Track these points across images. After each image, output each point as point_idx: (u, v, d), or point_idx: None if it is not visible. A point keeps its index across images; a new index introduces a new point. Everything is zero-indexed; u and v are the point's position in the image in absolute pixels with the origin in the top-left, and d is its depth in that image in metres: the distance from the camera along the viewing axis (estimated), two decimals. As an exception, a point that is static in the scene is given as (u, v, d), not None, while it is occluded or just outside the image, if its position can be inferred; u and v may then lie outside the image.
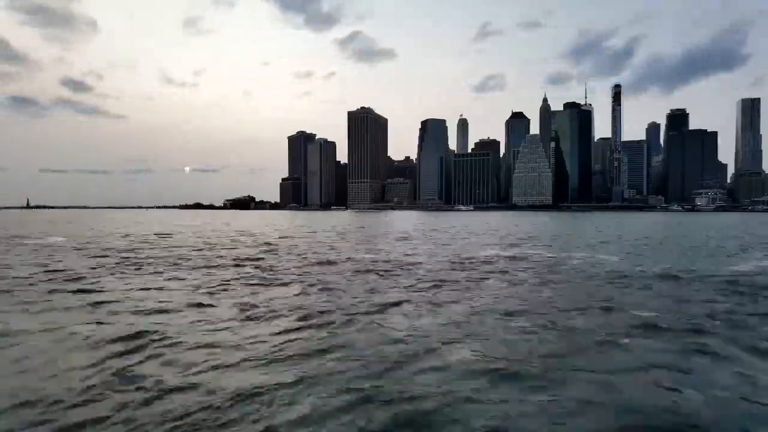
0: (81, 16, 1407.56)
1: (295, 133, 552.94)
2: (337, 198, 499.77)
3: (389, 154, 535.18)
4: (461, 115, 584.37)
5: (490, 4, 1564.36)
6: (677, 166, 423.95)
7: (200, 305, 12.43)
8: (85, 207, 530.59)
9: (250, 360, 7.96)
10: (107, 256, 24.58)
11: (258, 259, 23.48)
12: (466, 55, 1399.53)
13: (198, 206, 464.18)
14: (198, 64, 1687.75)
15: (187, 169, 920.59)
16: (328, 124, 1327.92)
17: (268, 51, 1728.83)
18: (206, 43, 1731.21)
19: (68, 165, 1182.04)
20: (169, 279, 17.13)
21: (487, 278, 17.24)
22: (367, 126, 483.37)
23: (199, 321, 10.78)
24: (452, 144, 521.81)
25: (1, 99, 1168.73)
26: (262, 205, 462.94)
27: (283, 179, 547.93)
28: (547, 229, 60.96)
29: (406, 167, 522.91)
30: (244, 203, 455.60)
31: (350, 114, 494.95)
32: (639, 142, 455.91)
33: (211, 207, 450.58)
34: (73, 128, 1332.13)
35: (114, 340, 9.05)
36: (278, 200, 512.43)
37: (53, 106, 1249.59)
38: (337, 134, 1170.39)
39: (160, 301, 12.87)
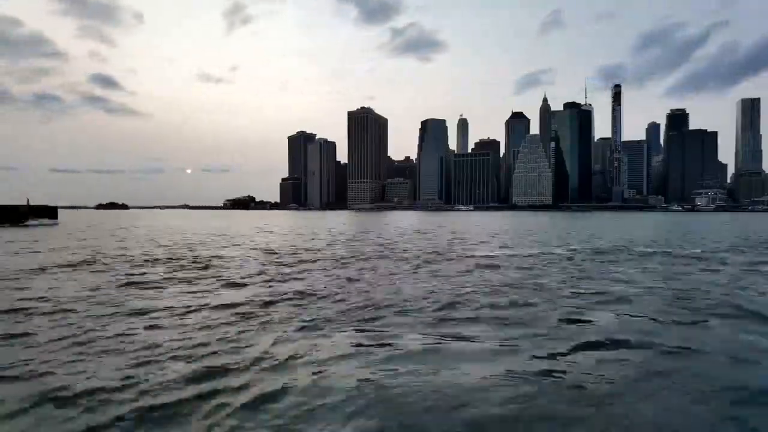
0: (125, 8, 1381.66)
1: (295, 133, 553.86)
2: (337, 198, 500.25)
3: (389, 154, 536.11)
4: (461, 115, 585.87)
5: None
6: (677, 166, 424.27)
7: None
8: (85, 207, 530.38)
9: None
10: None
11: None
12: (524, 48, 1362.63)
13: (111, 206, 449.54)
14: (236, 59, 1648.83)
15: (189, 170, 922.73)
16: (336, 122, 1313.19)
17: (309, 46, 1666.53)
18: (248, 36, 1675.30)
19: (82, 165, 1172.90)
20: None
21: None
22: (367, 126, 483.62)
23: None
24: (452, 144, 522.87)
25: (26, 96, 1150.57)
26: (263, 205, 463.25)
27: (283, 179, 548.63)
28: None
29: (406, 167, 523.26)
30: (244, 203, 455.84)
31: (350, 114, 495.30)
32: (639, 142, 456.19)
33: (124, 207, 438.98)
34: (93, 127, 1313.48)
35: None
36: (278, 200, 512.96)
37: (78, 104, 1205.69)
38: (338, 134, 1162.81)
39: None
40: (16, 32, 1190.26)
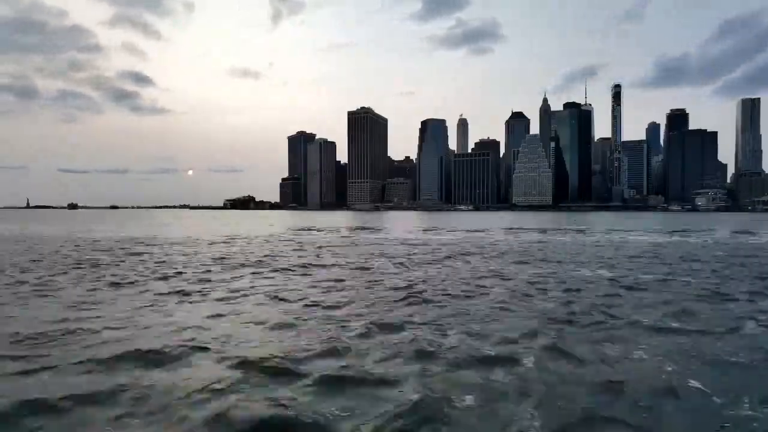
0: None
1: (295, 133, 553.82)
2: (337, 198, 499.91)
3: (389, 154, 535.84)
4: (461, 115, 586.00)
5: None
6: (677, 166, 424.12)
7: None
8: (85, 207, 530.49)
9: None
10: None
11: None
12: (590, 40, 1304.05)
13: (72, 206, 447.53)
14: (275, 52, 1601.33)
15: (190, 172, 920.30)
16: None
17: (357, 38, 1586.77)
18: (294, 27, 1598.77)
19: (93, 165, 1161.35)
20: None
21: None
22: (367, 126, 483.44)
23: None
24: (452, 144, 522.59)
25: (51, 93, 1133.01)
26: (262, 205, 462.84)
27: (283, 179, 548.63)
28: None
29: (406, 167, 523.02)
30: (244, 203, 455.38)
31: (350, 114, 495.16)
32: (639, 142, 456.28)
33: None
34: (114, 126, 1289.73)
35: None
36: (278, 200, 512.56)
37: (104, 101, 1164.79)
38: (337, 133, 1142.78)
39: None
40: (59, 24, 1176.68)
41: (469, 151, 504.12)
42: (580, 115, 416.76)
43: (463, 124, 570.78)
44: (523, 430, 5.43)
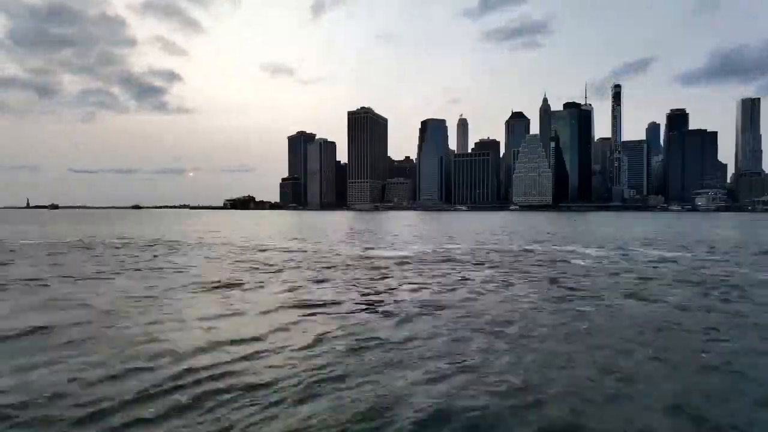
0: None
1: (295, 133, 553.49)
2: (337, 198, 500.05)
3: (389, 154, 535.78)
4: (461, 115, 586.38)
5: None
6: (677, 166, 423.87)
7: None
8: (84, 207, 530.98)
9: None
10: None
11: None
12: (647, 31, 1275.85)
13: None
14: (310, 48, 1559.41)
15: (191, 173, 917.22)
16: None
17: (400, 33, 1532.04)
18: (334, 21, 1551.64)
19: (101, 165, 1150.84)
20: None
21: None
22: (367, 126, 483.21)
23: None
24: (452, 144, 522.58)
25: (74, 91, 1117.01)
26: (262, 205, 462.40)
27: (283, 179, 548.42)
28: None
29: (406, 167, 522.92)
30: (244, 203, 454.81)
31: (350, 114, 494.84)
32: (639, 142, 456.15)
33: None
34: (131, 126, 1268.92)
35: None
36: (278, 200, 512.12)
37: (126, 99, 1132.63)
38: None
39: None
40: (96, 13, 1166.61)
41: (469, 151, 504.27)
42: (580, 115, 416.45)
43: (463, 124, 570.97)
44: None
